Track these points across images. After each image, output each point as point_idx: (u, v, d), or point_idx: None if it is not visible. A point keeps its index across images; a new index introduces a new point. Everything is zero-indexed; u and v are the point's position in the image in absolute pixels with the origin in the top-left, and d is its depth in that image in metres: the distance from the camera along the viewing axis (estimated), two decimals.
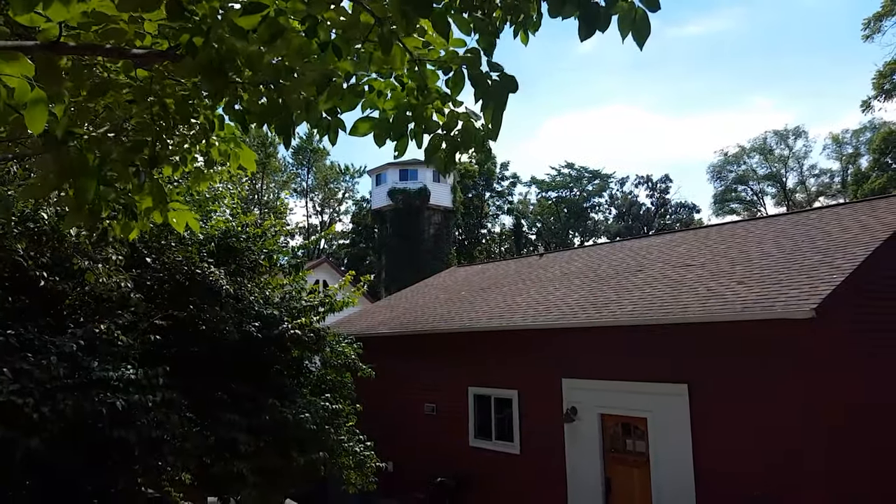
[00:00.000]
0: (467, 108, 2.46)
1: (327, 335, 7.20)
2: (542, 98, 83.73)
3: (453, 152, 2.38)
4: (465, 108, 2.45)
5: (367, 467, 6.99)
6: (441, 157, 2.48)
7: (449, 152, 2.39)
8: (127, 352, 5.20)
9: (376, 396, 15.89)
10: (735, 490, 9.16)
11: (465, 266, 24.21)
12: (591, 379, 11.32)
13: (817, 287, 8.58)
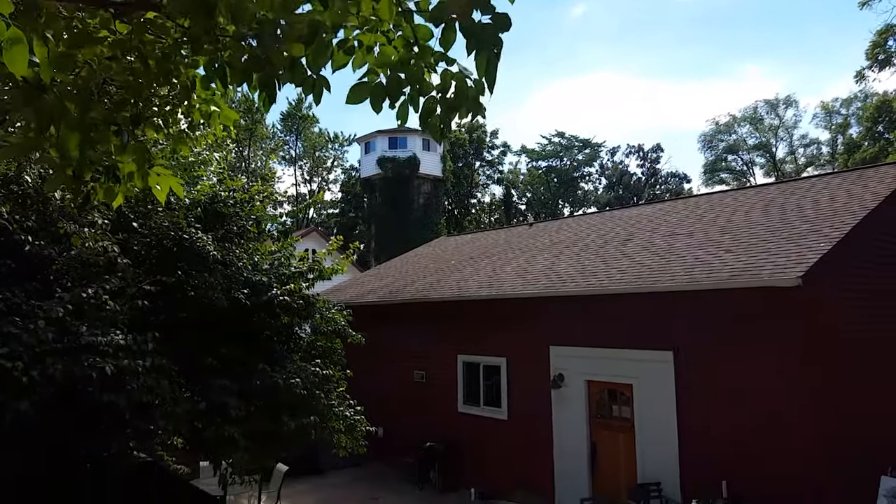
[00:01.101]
0: (461, 68, 2.41)
1: (317, 302, 7.20)
2: (533, 66, 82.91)
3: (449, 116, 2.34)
4: (457, 66, 2.40)
5: (358, 431, 7.07)
6: (436, 122, 2.44)
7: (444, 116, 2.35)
8: (115, 317, 5.18)
9: (366, 364, 16.00)
10: (719, 454, 9.36)
11: (455, 235, 24.21)
12: (578, 346, 11.45)
13: (804, 255, 8.66)
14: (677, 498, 9.61)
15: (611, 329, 10.95)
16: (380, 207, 36.60)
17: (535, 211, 52.31)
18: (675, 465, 9.85)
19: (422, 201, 36.72)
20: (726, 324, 9.42)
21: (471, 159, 50.29)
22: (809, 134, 66.78)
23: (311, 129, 48.08)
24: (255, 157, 41.49)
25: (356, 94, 2.36)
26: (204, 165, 7.16)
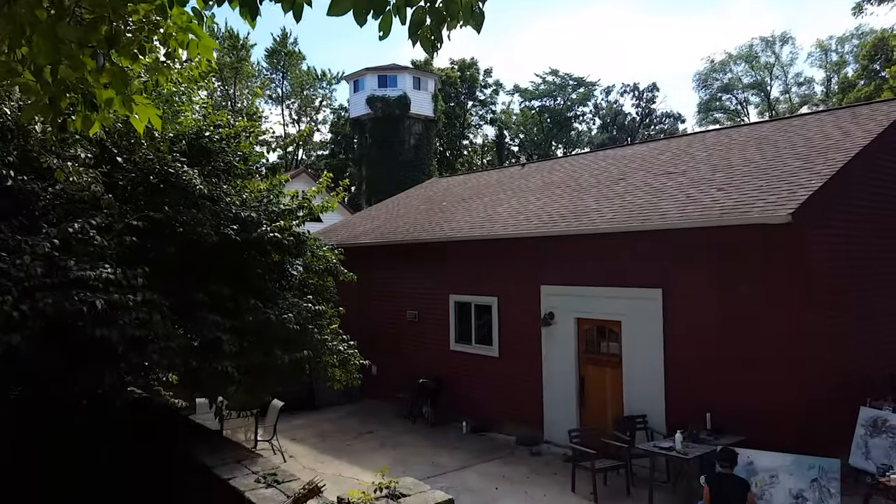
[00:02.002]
0: None
1: (307, 240, 7.17)
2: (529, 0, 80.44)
3: (439, 26, 2.23)
4: None
5: (351, 365, 7.17)
6: (426, 34, 2.33)
7: (434, 27, 2.24)
8: (103, 252, 5.14)
9: (359, 304, 16.14)
10: (703, 387, 9.61)
11: (447, 177, 24.03)
12: (568, 285, 11.55)
13: (795, 192, 8.66)
14: (662, 429, 9.91)
15: (601, 268, 11.03)
16: (370, 148, 36.12)
17: (527, 152, 51.81)
18: (660, 398, 10.11)
19: (413, 142, 36.23)
20: (715, 261, 9.50)
21: (463, 99, 49.42)
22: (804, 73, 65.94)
23: (298, 66, 46.91)
24: (241, 95, 40.59)
25: (338, 4, 2.23)
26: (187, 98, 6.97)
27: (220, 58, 34.37)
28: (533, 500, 9.19)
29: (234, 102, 38.67)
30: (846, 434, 8.77)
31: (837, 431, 8.98)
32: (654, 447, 9.07)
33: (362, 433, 13.17)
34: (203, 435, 6.22)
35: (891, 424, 8.32)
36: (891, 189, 10.53)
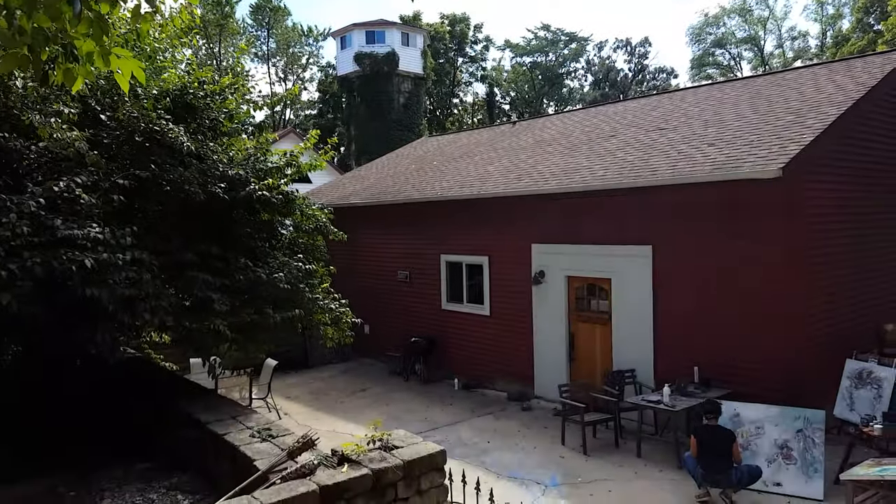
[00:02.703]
0: None
1: (296, 199, 7.11)
2: None
3: None
4: None
5: (343, 323, 7.20)
6: None
7: None
8: (90, 211, 5.08)
9: (351, 265, 16.15)
10: (691, 342, 9.75)
11: (437, 136, 23.79)
12: (559, 244, 11.58)
13: (787, 147, 8.64)
14: (650, 384, 10.09)
15: (592, 226, 11.05)
16: (358, 107, 35.59)
17: (518, 110, 51.30)
18: (649, 353, 10.26)
19: (402, 101, 35.71)
20: (706, 218, 9.53)
21: (453, 55, 48.57)
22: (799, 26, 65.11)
23: (284, 22, 45.84)
24: (226, 53, 39.71)
25: None
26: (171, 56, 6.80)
27: (204, 14, 33.47)
28: (524, 452, 9.38)
29: (219, 61, 37.86)
30: (833, 387, 8.95)
31: (824, 384, 9.17)
32: (643, 400, 9.25)
33: (355, 391, 13.33)
34: (198, 393, 6.27)
35: (875, 376, 8.49)
36: (883, 143, 10.53)
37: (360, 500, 3.89)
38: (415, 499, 4.14)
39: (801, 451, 7.82)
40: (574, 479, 8.31)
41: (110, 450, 5.87)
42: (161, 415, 5.97)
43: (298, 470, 3.98)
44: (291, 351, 15.46)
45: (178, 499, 4.69)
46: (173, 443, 5.70)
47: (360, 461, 4.09)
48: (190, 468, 5.31)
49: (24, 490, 4.79)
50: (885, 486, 6.26)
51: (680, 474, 8.28)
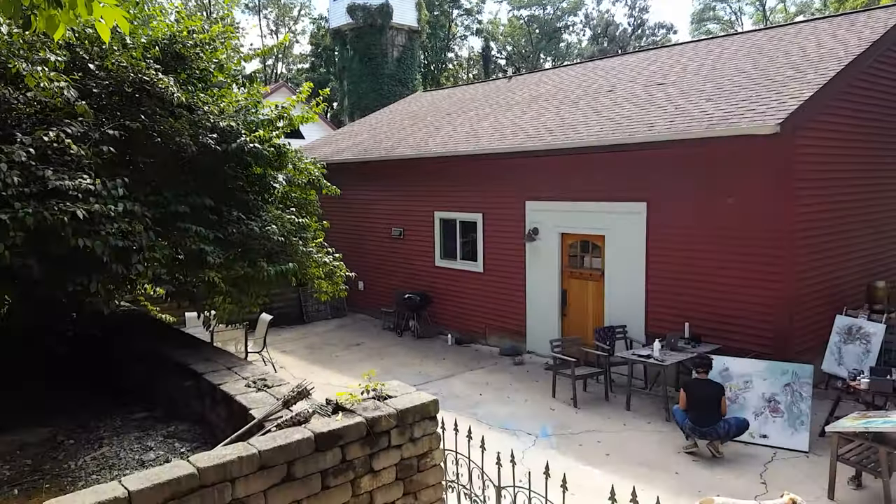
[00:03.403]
0: None
1: (288, 152, 7.02)
2: None
3: None
4: None
5: (337, 277, 7.20)
6: None
7: None
8: (80, 162, 5.01)
9: (344, 222, 16.12)
10: (683, 298, 9.84)
11: (432, 91, 23.45)
12: (554, 201, 11.56)
13: (785, 103, 8.57)
14: (641, 339, 10.22)
15: (587, 183, 11.01)
16: (351, 61, 34.90)
17: (515, 66, 50.49)
18: (640, 309, 10.37)
19: (396, 55, 35.04)
20: (701, 174, 9.51)
21: (447, 7, 47.51)
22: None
23: None
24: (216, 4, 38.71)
25: None
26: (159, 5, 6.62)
27: None
28: (515, 405, 9.55)
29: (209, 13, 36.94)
30: (823, 343, 9.10)
31: (814, 340, 9.32)
32: (633, 355, 9.38)
33: (350, 345, 13.46)
34: (194, 345, 6.32)
35: (865, 332, 8.62)
36: (883, 99, 10.46)
37: (355, 446, 3.97)
38: (408, 446, 4.22)
39: (788, 405, 7.99)
40: (564, 431, 8.48)
41: (108, 401, 5.94)
42: (158, 366, 6.02)
43: (293, 418, 4.05)
44: (287, 307, 15.57)
45: (176, 446, 4.77)
46: (170, 393, 5.77)
47: (354, 410, 4.15)
48: (187, 418, 5.38)
49: (23, 438, 4.86)
50: (870, 438, 6.42)
51: (668, 426, 8.47)
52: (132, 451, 4.66)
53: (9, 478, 4.26)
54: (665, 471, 7.27)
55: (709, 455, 7.60)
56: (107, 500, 3.08)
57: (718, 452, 7.59)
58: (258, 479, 3.57)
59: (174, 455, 4.56)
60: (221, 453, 3.57)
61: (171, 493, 3.26)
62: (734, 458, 7.58)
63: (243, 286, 6.24)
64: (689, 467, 7.37)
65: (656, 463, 7.47)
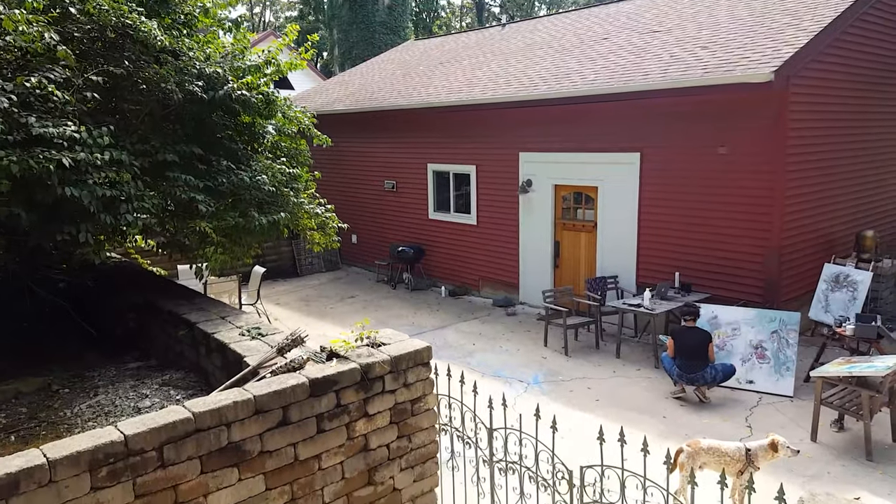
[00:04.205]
0: None
1: (277, 99, 6.89)
2: None
3: None
4: None
5: (330, 228, 7.17)
6: None
7: None
8: (64, 108, 4.90)
9: (337, 175, 15.99)
10: (674, 248, 9.90)
11: (424, 39, 22.94)
12: (547, 152, 11.48)
13: (780, 50, 8.45)
14: (632, 289, 10.32)
15: (581, 133, 10.92)
16: (341, 9, 34.01)
17: (509, 13, 49.36)
18: (632, 259, 10.44)
19: (387, 2, 34.15)
20: (694, 123, 9.44)
21: None
22: None
23: None
24: None
25: None
26: None
27: None
28: (508, 353, 9.69)
29: None
30: (811, 291, 9.21)
31: (802, 289, 9.44)
32: (624, 304, 9.48)
33: (344, 298, 13.53)
34: (187, 295, 6.32)
35: (852, 279, 8.72)
36: (879, 49, 10.33)
37: (349, 391, 4.02)
38: (402, 391, 4.28)
39: (774, 351, 8.14)
40: (555, 378, 8.63)
41: (102, 351, 5.97)
42: (151, 316, 6.04)
43: (288, 364, 4.08)
44: (280, 260, 15.59)
45: (171, 394, 4.82)
46: (165, 343, 5.80)
47: (349, 356, 4.19)
48: (182, 366, 5.43)
49: (17, 387, 4.90)
50: (853, 383, 6.57)
51: (656, 373, 8.63)
52: (127, 399, 4.71)
53: (5, 425, 4.31)
54: (653, 415, 7.43)
55: (696, 400, 7.77)
56: (103, 444, 3.12)
57: (705, 397, 7.76)
58: (254, 423, 3.62)
59: (170, 402, 4.62)
60: (217, 398, 3.61)
61: (168, 436, 3.31)
62: (721, 402, 7.76)
63: (235, 237, 6.22)
64: (677, 412, 7.54)
65: (645, 408, 7.64)
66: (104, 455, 3.10)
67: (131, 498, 3.21)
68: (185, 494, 3.39)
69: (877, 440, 6.46)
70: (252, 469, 3.64)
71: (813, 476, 6.01)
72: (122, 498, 3.18)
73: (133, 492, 3.21)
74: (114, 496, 3.15)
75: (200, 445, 3.41)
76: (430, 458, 4.53)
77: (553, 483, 4.01)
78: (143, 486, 3.24)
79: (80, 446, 3.06)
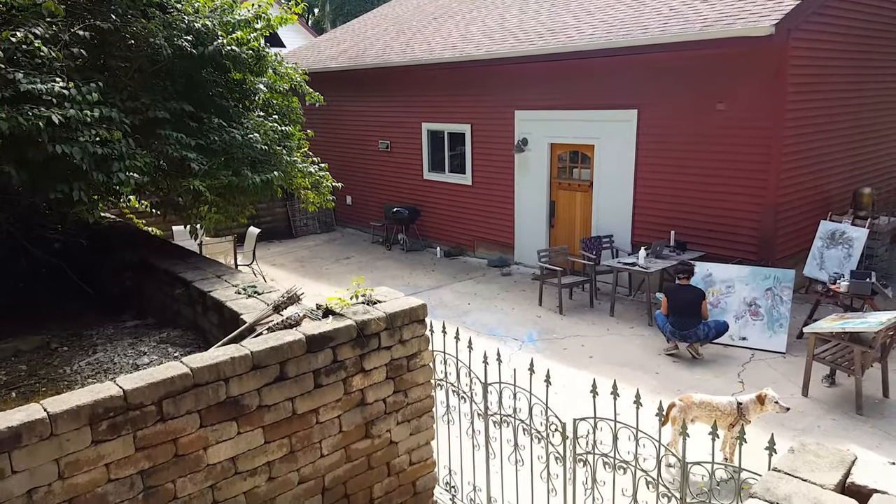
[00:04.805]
0: None
1: (267, 55, 6.77)
2: None
3: None
4: None
5: (324, 187, 7.13)
6: None
7: None
8: (52, 64, 4.80)
9: (330, 136, 15.82)
10: (669, 206, 9.89)
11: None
12: (543, 110, 11.35)
13: (781, 2, 8.30)
14: (627, 248, 10.34)
15: (578, 90, 10.79)
16: None
17: None
18: (628, 218, 10.43)
19: None
20: (693, 79, 9.33)
21: None
22: None
23: None
24: None
25: None
26: None
27: None
28: (503, 313, 9.75)
29: None
30: (806, 249, 9.25)
31: (798, 246, 9.48)
32: (619, 263, 9.52)
33: (340, 259, 13.54)
34: (182, 255, 6.30)
35: (847, 236, 8.75)
36: (878, 2, 10.15)
37: (346, 347, 4.05)
38: (397, 347, 4.32)
39: (768, 308, 8.21)
40: (549, 336, 8.72)
41: (99, 310, 5.99)
42: (147, 275, 6.03)
43: (284, 321, 4.10)
44: (275, 222, 15.54)
45: (169, 351, 4.85)
46: (161, 302, 5.81)
47: (345, 314, 4.21)
48: (179, 325, 5.45)
49: (16, 345, 4.92)
50: (846, 339, 6.64)
51: (650, 331, 8.72)
52: (126, 357, 4.74)
53: (5, 382, 4.34)
54: (646, 371, 7.54)
55: (689, 357, 7.87)
56: (103, 399, 3.15)
57: (698, 354, 7.86)
58: (252, 378, 3.66)
59: (168, 359, 4.65)
60: (214, 354, 3.63)
61: (166, 391, 3.34)
62: (714, 359, 7.86)
63: (229, 196, 6.18)
64: (670, 368, 7.65)
65: (638, 364, 7.74)
66: (104, 409, 3.13)
67: (132, 451, 3.26)
68: (185, 447, 3.45)
69: (867, 395, 6.58)
70: (251, 423, 3.69)
71: (804, 429, 6.13)
72: (123, 451, 3.22)
73: (134, 445, 3.26)
74: (115, 449, 3.20)
75: (199, 400, 3.45)
76: (426, 412, 4.60)
77: (547, 435, 4.08)
78: (144, 439, 3.29)
79: (80, 401, 3.09)
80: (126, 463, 3.25)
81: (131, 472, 3.28)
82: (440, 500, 4.88)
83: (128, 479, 3.27)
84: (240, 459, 3.69)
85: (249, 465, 3.73)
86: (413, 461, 4.60)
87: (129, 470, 3.27)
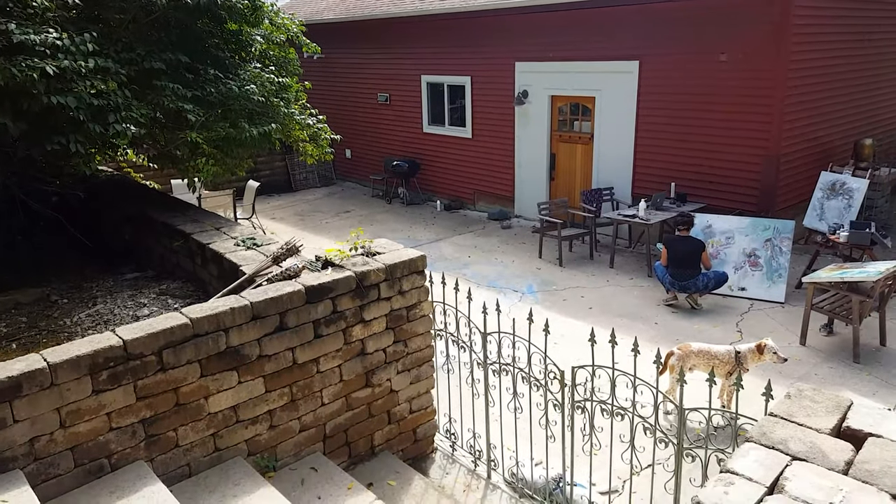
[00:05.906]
0: None
1: (263, 6, 6.62)
2: None
3: None
4: None
5: (322, 139, 7.06)
6: None
7: None
8: (44, 14, 4.70)
9: (329, 89, 15.58)
10: (670, 159, 9.80)
11: None
12: (544, 61, 11.14)
13: None
14: (628, 200, 10.29)
15: (579, 41, 10.56)
16: None
17: None
18: (628, 170, 10.36)
19: None
20: (695, 29, 9.13)
21: None
22: None
23: None
24: None
25: None
26: None
27: None
28: (503, 265, 9.78)
29: None
30: (806, 200, 9.20)
31: (798, 197, 9.43)
32: (619, 215, 9.49)
33: (339, 212, 13.52)
34: (181, 207, 6.28)
35: (848, 187, 8.70)
36: None
37: (345, 298, 4.07)
38: (397, 298, 4.34)
39: (767, 259, 8.22)
40: (549, 287, 8.76)
41: (99, 263, 6.00)
42: (146, 228, 6.03)
43: (284, 273, 4.11)
44: (274, 175, 15.45)
45: (169, 302, 4.88)
46: (161, 254, 5.82)
47: (344, 265, 4.22)
48: (179, 277, 5.47)
49: (16, 297, 4.95)
50: (844, 288, 6.66)
51: (650, 282, 8.75)
52: (126, 308, 4.77)
53: (6, 334, 4.38)
54: (645, 321, 7.60)
55: (688, 307, 7.92)
56: (103, 349, 3.18)
57: (697, 304, 7.90)
58: (252, 328, 3.69)
59: (167, 310, 4.68)
60: (213, 305, 3.65)
61: (166, 341, 3.37)
62: (713, 309, 7.91)
63: (226, 148, 6.12)
64: (669, 318, 7.70)
65: (637, 314, 7.80)
66: (104, 359, 3.17)
67: (133, 400, 3.31)
68: (186, 396, 3.50)
69: (864, 343, 6.63)
70: (251, 372, 3.73)
71: (801, 377, 6.20)
72: (123, 400, 3.27)
73: (135, 394, 3.31)
74: (115, 398, 3.24)
75: (199, 350, 3.49)
76: (426, 361, 4.66)
77: (545, 383, 4.14)
78: (144, 388, 3.33)
79: (80, 351, 3.12)
80: (127, 412, 3.30)
81: (133, 421, 3.34)
82: (440, 447, 4.98)
83: (129, 428, 3.33)
84: (241, 408, 3.75)
85: (250, 413, 3.80)
86: (413, 409, 4.68)
87: (131, 419, 3.33)
